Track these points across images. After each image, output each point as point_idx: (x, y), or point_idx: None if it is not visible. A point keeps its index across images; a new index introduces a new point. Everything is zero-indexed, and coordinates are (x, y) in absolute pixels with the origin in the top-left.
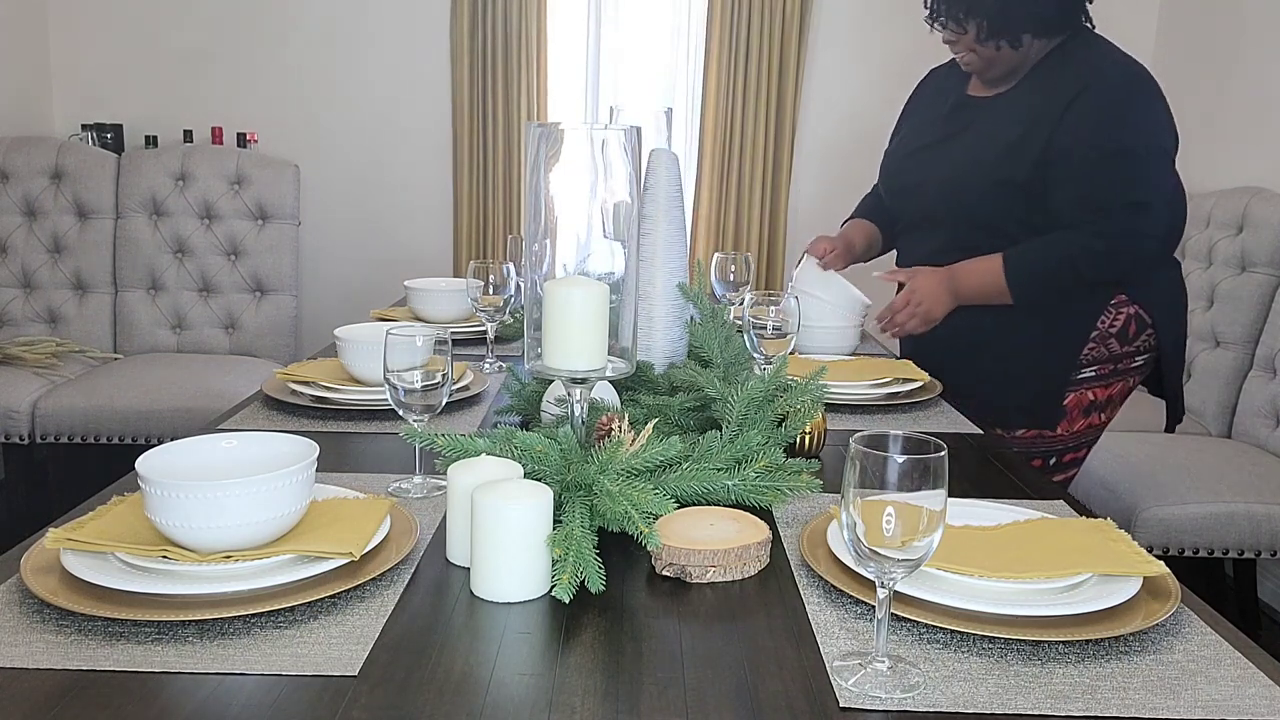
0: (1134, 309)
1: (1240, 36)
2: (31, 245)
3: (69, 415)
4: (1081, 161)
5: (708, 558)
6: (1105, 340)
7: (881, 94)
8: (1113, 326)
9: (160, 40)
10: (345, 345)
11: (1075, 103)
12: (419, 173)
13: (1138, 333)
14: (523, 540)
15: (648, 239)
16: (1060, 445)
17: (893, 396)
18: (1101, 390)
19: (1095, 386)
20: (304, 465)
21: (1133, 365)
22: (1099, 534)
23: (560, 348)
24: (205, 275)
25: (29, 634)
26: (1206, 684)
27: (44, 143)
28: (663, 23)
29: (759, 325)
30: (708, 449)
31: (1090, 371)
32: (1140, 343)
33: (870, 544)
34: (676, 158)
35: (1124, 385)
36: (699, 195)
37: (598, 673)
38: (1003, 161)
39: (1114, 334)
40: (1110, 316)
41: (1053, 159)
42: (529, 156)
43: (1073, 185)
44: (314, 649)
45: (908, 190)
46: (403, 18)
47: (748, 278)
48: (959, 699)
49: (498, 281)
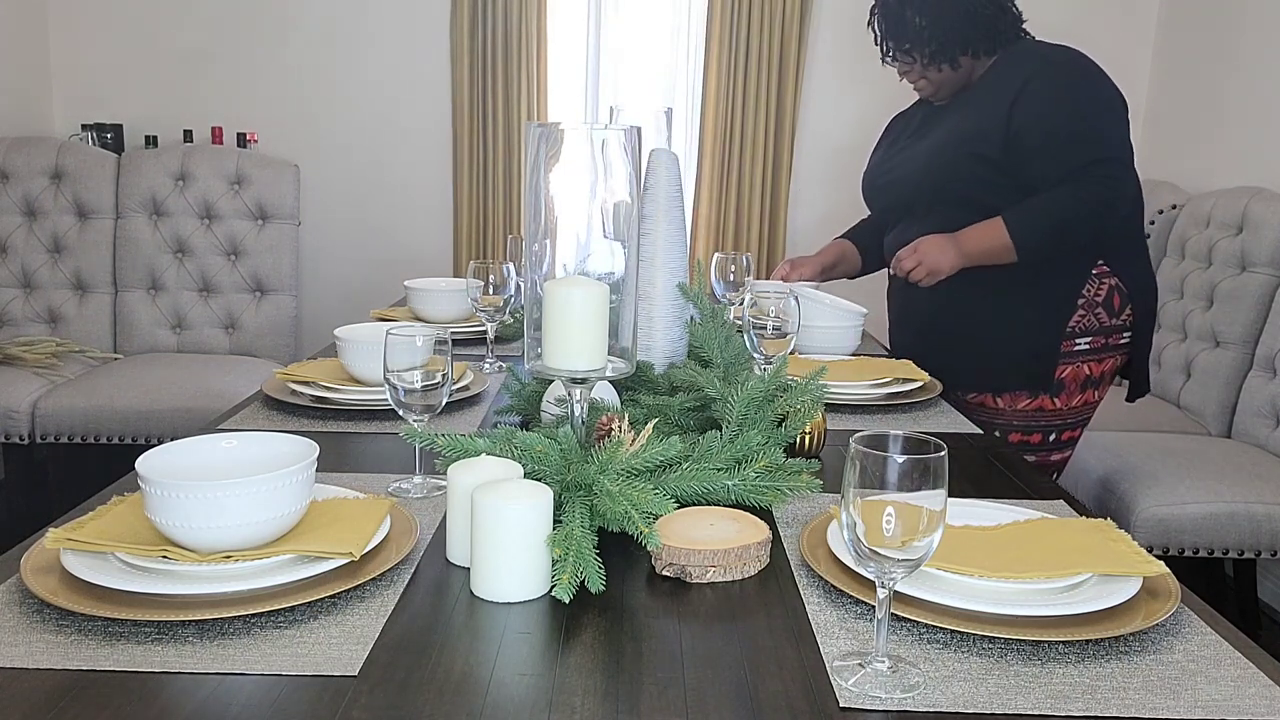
0: (1114, 280)
1: (1240, 37)
2: (31, 245)
3: (69, 415)
4: (1044, 136)
5: (708, 558)
6: (1094, 309)
7: (881, 94)
8: (1098, 295)
9: (160, 40)
10: (345, 345)
11: (1026, 87)
12: (419, 173)
13: (1121, 306)
14: (523, 540)
15: (648, 239)
16: (1059, 420)
17: (893, 396)
18: (1095, 365)
19: (1090, 360)
20: (304, 465)
21: (1120, 342)
22: (1099, 534)
23: (560, 348)
24: (205, 275)
25: (29, 634)
26: (1206, 684)
27: (44, 143)
28: (662, 22)
29: (759, 325)
30: (708, 449)
31: (1084, 343)
32: (1125, 317)
33: (870, 544)
34: (676, 158)
35: (1114, 362)
36: (699, 195)
37: (598, 673)
38: (971, 138)
39: (1100, 303)
40: (1095, 286)
41: (1017, 140)
42: (529, 156)
43: (1041, 159)
44: (314, 649)
45: (890, 186)
46: (403, 18)
47: (748, 277)
48: (959, 699)
49: (498, 281)
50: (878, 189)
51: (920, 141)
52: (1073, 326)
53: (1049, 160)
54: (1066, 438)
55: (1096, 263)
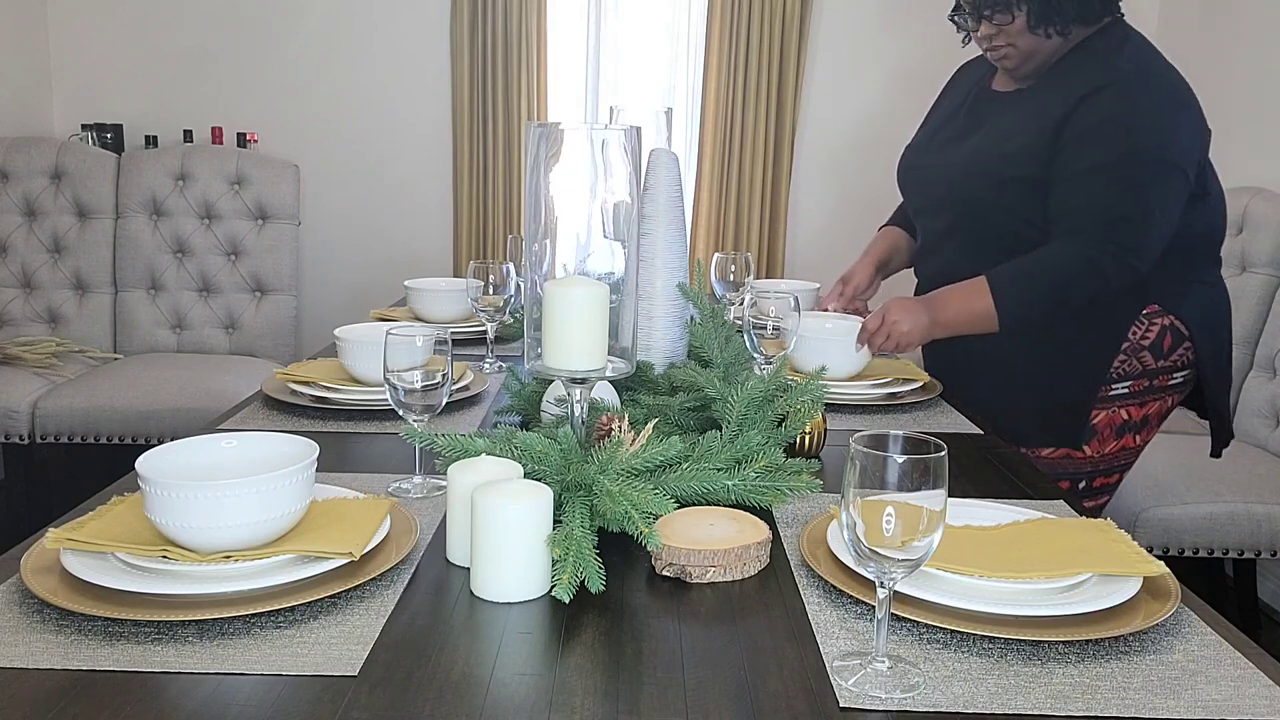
0: (1168, 319)
1: (1240, 37)
2: (31, 245)
3: (69, 415)
4: (1078, 164)
5: (708, 558)
6: (1137, 353)
7: (882, 93)
8: (1145, 338)
9: (160, 40)
10: (345, 345)
11: (1087, 100)
12: (419, 173)
13: (1173, 346)
14: (523, 540)
15: (648, 239)
16: (1090, 468)
17: (893, 396)
18: (1136, 409)
19: (1129, 405)
20: (304, 465)
21: (1170, 383)
22: (1099, 534)
23: (560, 348)
24: (205, 275)
25: (29, 634)
26: (1206, 684)
27: (44, 143)
28: (662, 22)
29: (759, 325)
30: (708, 449)
31: (1123, 388)
32: (1178, 358)
33: (870, 544)
34: (676, 158)
35: (1161, 404)
36: (699, 195)
37: (598, 673)
38: (1013, 160)
39: (1147, 347)
40: (1142, 328)
41: (1057, 156)
42: (529, 156)
43: (1065, 190)
44: (314, 649)
45: (921, 187)
46: (403, 17)
47: (748, 278)
48: (959, 699)
49: (498, 281)
50: (909, 184)
51: (962, 142)
52: (1111, 373)
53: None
54: (1100, 484)
55: (1147, 305)
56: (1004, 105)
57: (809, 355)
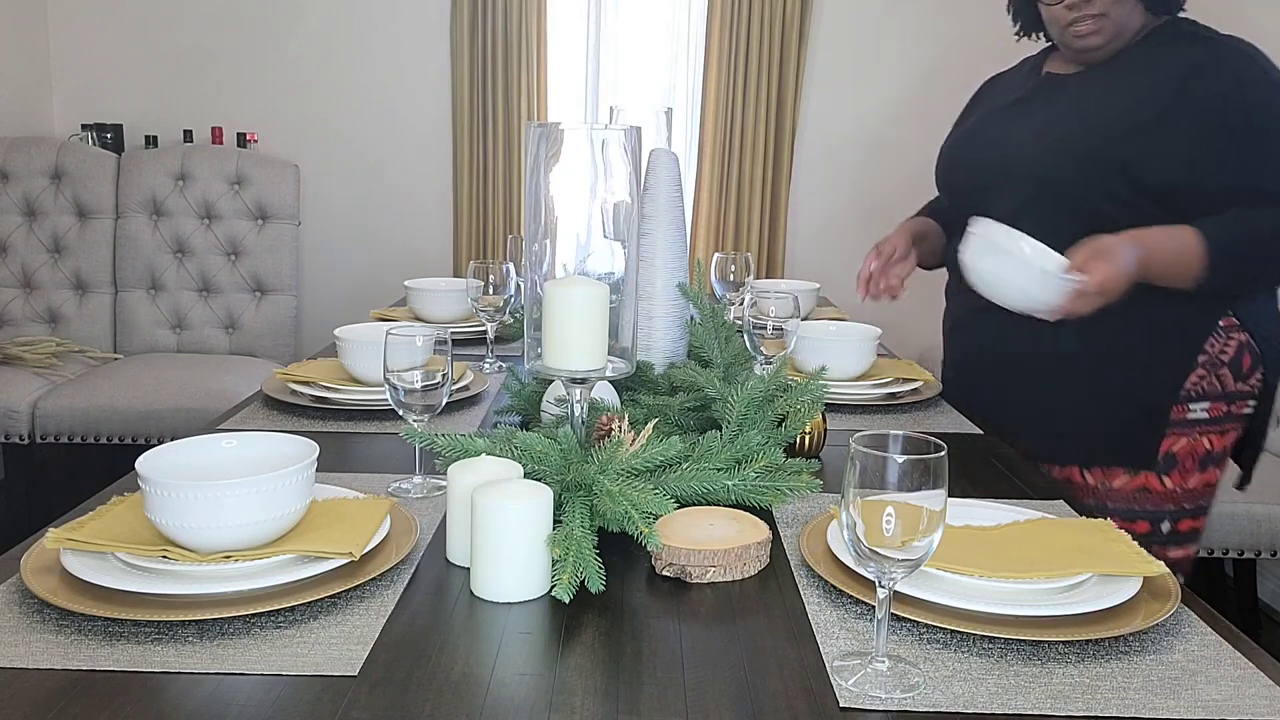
0: (1244, 336)
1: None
2: (31, 245)
3: (69, 415)
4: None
5: (708, 558)
6: (1216, 369)
7: (882, 93)
8: (1224, 353)
9: (160, 40)
10: (345, 345)
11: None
12: (419, 173)
13: (1251, 368)
14: (523, 540)
15: (648, 239)
16: (1172, 505)
17: (893, 396)
18: (1217, 438)
19: (1211, 433)
20: (304, 465)
21: (1242, 411)
22: (1099, 534)
23: (560, 348)
24: (205, 275)
25: (29, 634)
26: (1206, 684)
27: (44, 143)
28: (662, 22)
29: (759, 325)
30: (708, 449)
31: (1202, 410)
32: (1253, 382)
33: (870, 544)
34: (676, 158)
35: (1235, 436)
36: (699, 195)
37: (598, 673)
38: (1097, 132)
39: (1226, 363)
40: (1220, 341)
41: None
42: (529, 156)
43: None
44: (314, 649)
45: (988, 165)
46: (403, 18)
47: (748, 277)
48: (959, 699)
49: (498, 281)
50: (967, 164)
51: (1030, 117)
52: (1188, 389)
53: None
54: (1187, 528)
55: (1226, 313)
56: (1081, 83)
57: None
